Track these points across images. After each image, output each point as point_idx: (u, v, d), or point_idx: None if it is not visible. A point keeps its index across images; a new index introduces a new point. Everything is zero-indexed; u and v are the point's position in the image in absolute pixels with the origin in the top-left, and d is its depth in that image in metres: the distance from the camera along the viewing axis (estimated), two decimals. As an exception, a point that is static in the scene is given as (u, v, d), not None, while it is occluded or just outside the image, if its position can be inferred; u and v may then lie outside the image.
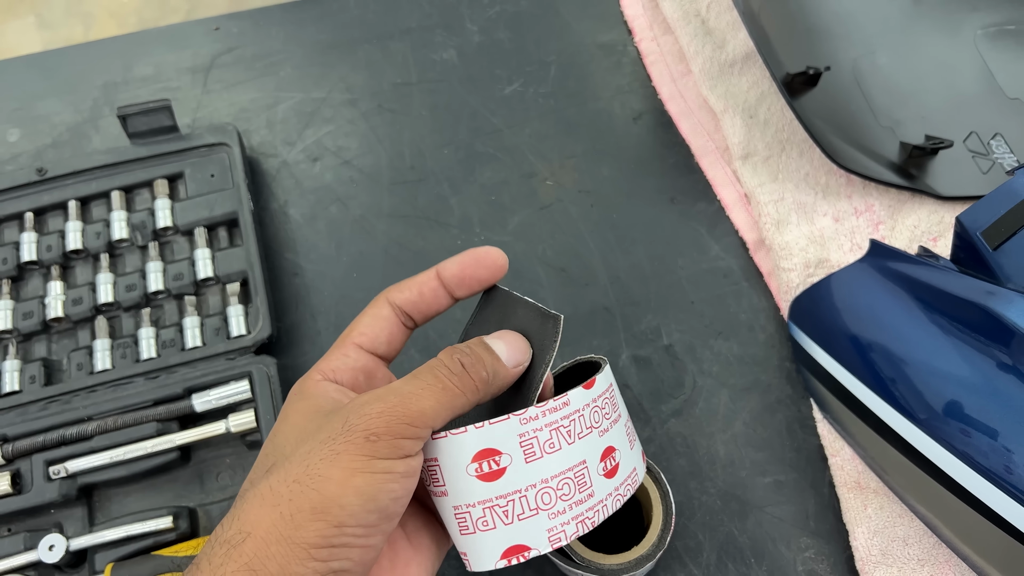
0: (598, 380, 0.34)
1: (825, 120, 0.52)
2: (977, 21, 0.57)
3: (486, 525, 0.32)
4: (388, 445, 0.30)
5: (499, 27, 0.61)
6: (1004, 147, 0.53)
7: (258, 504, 0.30)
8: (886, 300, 0.44)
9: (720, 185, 0.55)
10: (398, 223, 0.55)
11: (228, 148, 0.54)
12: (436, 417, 0.31)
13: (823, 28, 0.56)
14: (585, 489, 0.33)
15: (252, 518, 0.29)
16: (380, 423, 0.30)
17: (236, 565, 0.28)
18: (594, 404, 0.34)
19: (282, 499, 0.29)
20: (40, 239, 0.52)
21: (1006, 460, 0.36)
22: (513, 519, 0.32)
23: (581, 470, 0.33)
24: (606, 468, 0.34)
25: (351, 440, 0.30)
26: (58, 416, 0.46)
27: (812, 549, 0.44)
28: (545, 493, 0.32)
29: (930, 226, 0.51)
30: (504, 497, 0.32)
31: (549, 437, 0.32)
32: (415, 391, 0.31)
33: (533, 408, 0.32)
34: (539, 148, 0.57)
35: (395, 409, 0.30)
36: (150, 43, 0.62)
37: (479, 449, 0.31)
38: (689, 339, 0.50)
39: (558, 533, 0.33)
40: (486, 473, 0.32)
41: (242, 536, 0.29)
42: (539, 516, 0.32)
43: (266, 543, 0.29)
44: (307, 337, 0.51)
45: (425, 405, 0.31)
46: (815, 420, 0.47)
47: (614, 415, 0.36)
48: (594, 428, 0.34)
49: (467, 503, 0.32)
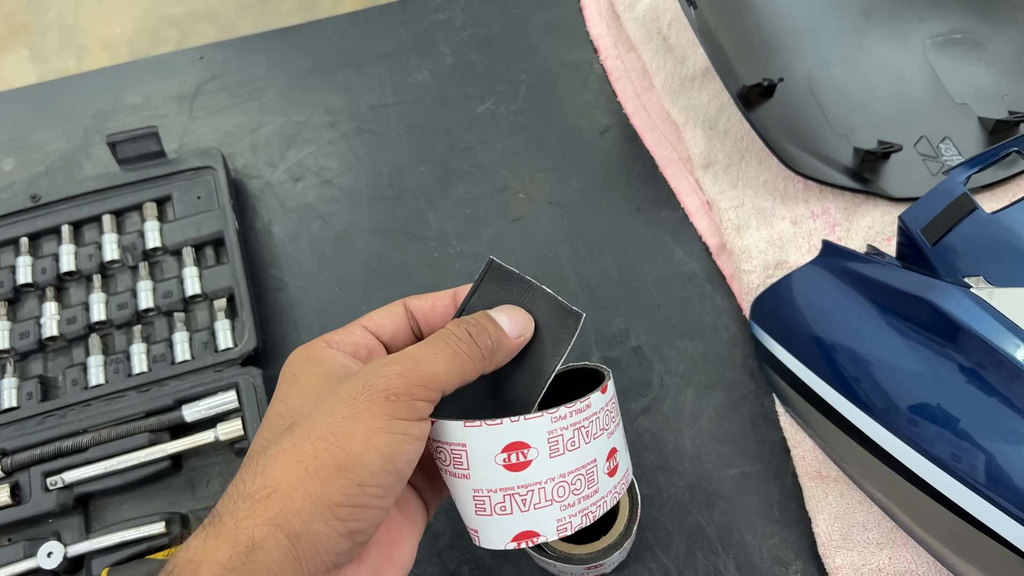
0: (609, 387, 0.37)
1: (781, 129, 0.55)
2: (925, 31, 0.60)
3: (504, 510, 0.35)
4: (406, 406, 0.31)
5: (471, 49, 0.64)
6: (952, 150, 0.55)
7: (282, 459, 0.30)
8: (838, 297, 0.46)
9: (683, 193, 0.57)
10: (378, 238, 0.57)
11: (213, 171, 0.57)
12: (448, 381, 0.33)
13: (778, 42, 0.59)
14: (592, 485, 0.36)
15: (277, 473, 0.30)
16: (399, 384, 0.31)
17: (260, 519, 0.29)
18: (606, 408, 0.37)
19: (307, 455, 0.30)
20: (35, 262, 0.54)
21: (953, 447, 0.38)
22: (530, 508, 0.34)
23: (591, 468, 0.36)
24: (610, 467, 0.37)
25: (372, 399, 0.31)
26: (54, 430, 0.49)
27: (777, 536, 0.46)
28: (561, 486, 0.35)
29: (884, 227, 0.53)
30: (525, 487, 0.34)
31: (572, 436, 0.35)
32: (429, 355, 0.32)
33: (563, 408, 0.34)
34: (511, 163, 0.59)
35: (412, 371, 0.32)
36: (138, 73, 0.64)
37: (511, 441, 0.34)
38: (656, 340, 0.53)
39: (566, 523, 0.35)
40: (513, 464, 0.34)
41: (267, 491, 0.29)
42: (552, 507, 0.35)
43: (291, 499, 0.29)
44: (291, 349, 0.53)
45: (438, 369, 0.32)
46: (777, 414, 0.49)
47: (617, 419, 0.38)
48: (605, 430, 0.37)
49: (489, 488, 0.34)
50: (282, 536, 0.29)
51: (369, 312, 0.38)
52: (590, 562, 0.42)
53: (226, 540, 0.29)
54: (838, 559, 0.45)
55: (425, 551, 0.47)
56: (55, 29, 1.85)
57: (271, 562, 0.28)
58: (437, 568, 0.47)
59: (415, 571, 0.47)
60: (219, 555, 0.28)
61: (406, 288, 0.55)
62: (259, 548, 0.28)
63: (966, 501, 0.38)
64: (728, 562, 0.46)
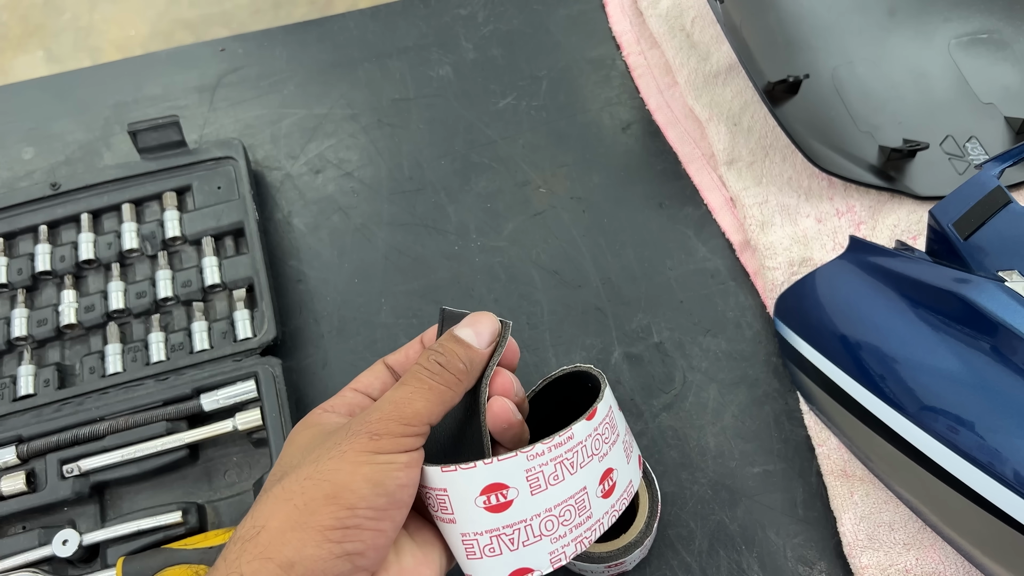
0: (599, 409, 0.36)
1: (806, 126, 0.54)
2: (950, 31, 0.59)
3: (492, 552, 0.34)
4: (390, 442, 0.32)
5: (492, 45, 0.64)
6: (979, 149, 0.55)
7: (271, 502, 0.32)
8: (866, 293, 0.46)
9: (706, 190, 0.57)
10: (397, 231, 0.57)
11: (234, 162, 0.57)
12: (430, 414, 0.34)
13: (802, 39, 0.58)
14: (584, 512, 0.35)
15: (266, 512, 0.31)
16: (380, 426, 0.33)
17: (251, 556, 0.30)
18: (595, 433, 0.36)
19: (295, 494, 0.31)
20: (54, 250, 0.54)
21: (988, 442, 0.38)
22: (518, 546, 0.34)
23: (582, 496, 0.35)
24: (604, 489, 0.36)
25: (356, 440, 0.32)
26: (71, 417, 0.48)
27: (801, 535, 0.46)
28: (548, 521, 0.34)
29: (909, 225, 0.53)
30: (510, 527, 0.34)
31: (554, 470, 0.34)
32: (406, 396, 0.34)
33: (539, 445, 0.33)
34: (532, 158, 0.59)
35: (391, 414, 0.33)
36: (159, 65, 0.64)
37: (488, 483, 0.33)
38: (679, 336, 0.52)
39: (559, 555, 0.34)
40: (494, 505, 0.33)
41: (256, 530, 0.31)
42: (542, 542, 0.34)
43: (281, 532, 0.30)
44: (310, 340, 0.53)
45: (418, 407, 0.33)
46: (802, 412, 0.49)
47: (613, 437, 0.37)
48: (595, 455, 0.35)
49: (475, 531, 0.34)
50: (274, 566, 0.29)
51: (357, 376, 0.40)
52: (610, 560, 0.41)
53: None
54: (864, 559, 0.44)
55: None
56: (70, 31, 1.87)
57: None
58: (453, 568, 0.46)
59: None
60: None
61: (425, 281, 0.55)
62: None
63: (999, 498, 0.37)
64: (752, 561, 0.45)
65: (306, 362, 0.53)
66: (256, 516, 0.31)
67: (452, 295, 0.54)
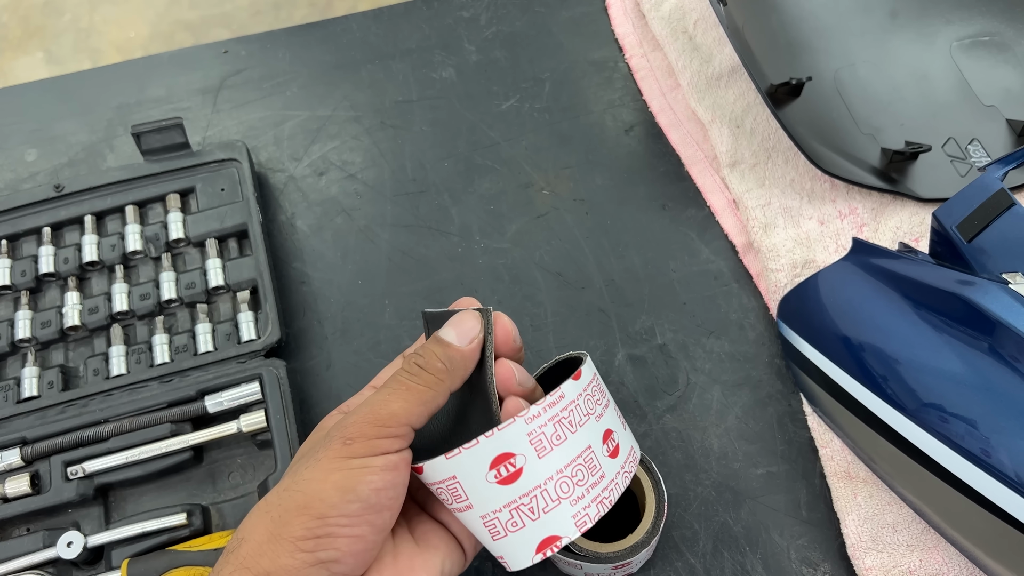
0: (584, 371, 0.37)
1: (808, 128, 0.54)
2: (952, 33, 0.60)
3: (515, 526, 0.34)
4: (363, 445, 0.33)
5: (495, 47, 0.64)
6: (981, 151, 0.55)
7: (255, 515, 0.33)
8: (869, 294, 0.46)
9: (709, 192, 0.57)
10: (401, 232, 0.57)
11: (237, 163, 0.57)
12: (409, 415, 0.34)
13: (804, 41, 0.58)
14: (596, 471, 0.35)
15: (248, 526, 0.33)
16: (354, 430, 0.33)
17: (232, 567, 0.31)
18: (585, 392, 0.36)
19: (272, 506, 0.33)
20: (57, 252, 0.54)
21: (992, 444, 0.38)
22: (539, 514, 0.34)
23: (589, 455, 0.35)
24: (609, 449, 0.36)
25: (329, 447, 0.33)
26: (75, 419, 0.48)
27: (805, 537, 0.46)
28: (563, 483, 0.34)
29: (912, 227, 0.53)
30: (527, 495, 0.34)
31: (554, 430, 0.34)
32: (383, 398, 0.34)
33: (535, 406, 0.34)
34: (535, 160, 0.59)
35: (366, 416, 0.34)
36: (162, 66, 0.64)
37: (494, 456, 0.33)
38: (682, 338, 0.52)
39: (583, 517, 0.34)
40: (505, 477, 0.33)
41: (238, 543, 0.32)
42: (562, 505, 0.34)
43: (259, 544, 0.32)
44: (314, 342, 0.53)
45: (394, 407, 0.34)
46: (805, 414, 0.49)
47: (604, 400, 0.38)
48: (590, 414, 0.36)
49: (493, 510, 0.34)
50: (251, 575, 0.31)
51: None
52: (617, 560, 0.41)
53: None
54: (867, 561, 0.44)
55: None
56: (70, 32, 1.86)
57: None
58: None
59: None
60: None
61: (429, 283, 0.55)
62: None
63: (1002, 498, 0.37)
64: (756, 562, 0.45)
65: (310, 364, 0.53)
66: (241, 529, 0.33)
67: (455, 296, 0.53)
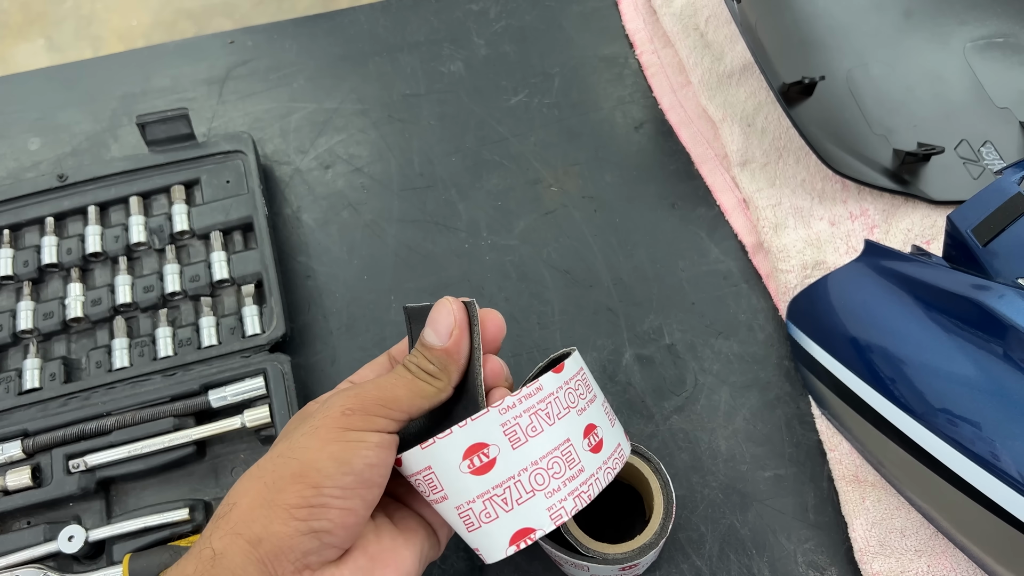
0: (567, 364, 0.36)
1: (820, 128, 0.54)
2: (966, 34, 0.59)
3: (489, 517, 0.34)
4: (361, 419, 0.33)
5: (504, 41, 0.63)
6: (994, 154, 0.55)
7: (247, 479, 0.33)
8: (881, 297, 0.45)
9: (719, 191, 0.56)
10: (408, 227, 0.56)
11: (243, 155, 0.56)
12: (410, 405, 0.35)
13: (817, 40, 0.58)
14: (575, 465, 0.35)
15: (240, 490, 0.33)
16: (356, 402, 0.33)
17: (223, 531, 0.31)
18: (567, 386, 0.36)
19: (266, 472, 0.32)
20: (60, 243, 0.54)
21: (1002, 448, 0.38)
22: (512, 505, 0.34)
23: (567, 448, 0.35)
24: (591, 444, 0.36)
25: (328, 415, 0.33)
26: (78, 412, 0.48)
27: (812, 541, 0.46)
28: (537, 474, 0.34)
29: (923, 229, 0.52)
30: (500, 486, 0.34)
31: (530, 421, 0.34)
32: (390, 383, 0.35)
33: (509, 397, 0.34)
34: (544, 156, 0.59)
35: (371, 393, 0.34)
36: (167, 56, 0.64)
37: (468, 445, 0.33)
38: (690, 338, 0.52)
39: (558, 510, 0.34)
40: (479, 467, 0.33)
41: (229, 507, 0.32)
42: (536, 497, 0.34)
43: (250, 509, 0.31)
44: (319, 337, 0.53)
45: (399, 393, 0.34)
46: (813, 416, 0.49)
47: (589, 395, 0.37)
48: (571, 408, 0.36)
49: (467, 500, 0.34)
50: (243, 542, 0.31)
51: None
52: (625, 562, 0.41)
53: (193, 556, 0.31)
54: (875, 565, 0.44)
55: (452, 546, 0.46)
56: (71, 19, 1.85)
57: (235, 567, 0.30)
58: (464, 564, 0.46)
59: (442, 566, 0.46)
60: (186, 570, 0.31)
61: (435, 279, 0.54)
62: (221, 556, 0.30)
63: (1013, 504, 0.37)
64: (762, 565, 0.45)
65: (315, 359, 0.52)
66: (231, 494, 0.33)
67: (462, 293, 0.53)
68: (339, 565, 0.33)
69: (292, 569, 0.31)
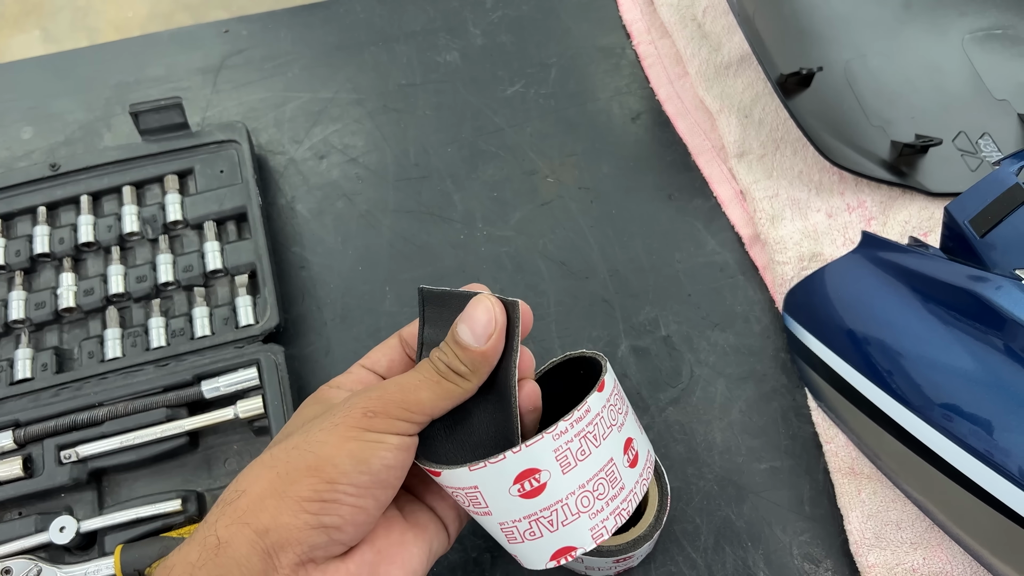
0: (606, 381, 0.35)
1: (818, 119, 0.53)
2: (965, 26, 0.59)
3: (533, 535, 0.34)
4: (383, 421, 0.32)
5: (501, 31, 0.63)
6: (992, 146, 0.54)
7: (258, 467, 0.32)
8: (878, 288, 0.45)
9: (716, 182, 0.56)
10: (403, 218, 0.56)
11: (237, 145, 0.56)
12: (434, 407, 0.34)
13: (816, 31, 0.57)
14: (617, 484, 0.35)
15: (250, 478, 0.32)
16: (379, 404, 0.32)
17: (229, 519, 0.30)
18: (608, 404, 0.35)
19: (279, 462, 0.32)
20: (53, 232, 0.53)
21: (999, 440, 0.37)
22: (558, 526, 0.33)
23: (611, 468, 0.35)
24: (629, 459, 0.36)
25: (349, 414, 0.32)
26: (69, 402, 0.47)
27: (807, 533, 0.45)
28: (584, 497, 0.34)
29: (921, 221, 0.52)
30: (547, 509, 0.33)
31: (580, 446, 0.33)
32: (414, 383, 0.34)
33: (562, 423, 0.33)
34: (540, 146, 0.58)
35: (394, 395, 0.33)
36: (161, 45, 0.63)
37: (520, 471, 0.33)
38: (686, 330, 0.51)
39: (600, 529, 0.34)
40: (528, 491, 0.33)
41: (237, 494, 0.31)
42: (581, 519, 0.34)
43: (260, 498, 0.31)
44: (313, 328, 0.52)
45: (423, 396, 0.33)
46: (809, 408, 0.48)
47: (624, 408, 0.37)
48: (613, 426, 0.35)
49: (513, 519, 0.34)
50: (250, 531, 0.30)
51: (370, 350, 0.40)
52: (620, 554, 0.40)
53: (197, 542, 0.30)
54: (871, 558, 0.43)
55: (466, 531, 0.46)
56: (67, 10, 1.84)
57: (239, 556, 0.29)
58: (458, 556, 0.46)
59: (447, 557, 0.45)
60: (190, 556, 0.30)
61: (431, 269, 0.54)
62: (226, 544, 0.30)
63: (1009, 496, 0.37)
64: (757, 558, 0.45)
65: (309, 350, 0.52)
66: (240, 481, 0.32)
67: (457, 284, 0.52)
68: (344, 559, 0.32)
69: (296, 561, 0.30)
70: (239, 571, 0.29)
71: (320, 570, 0.31)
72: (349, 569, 0.32)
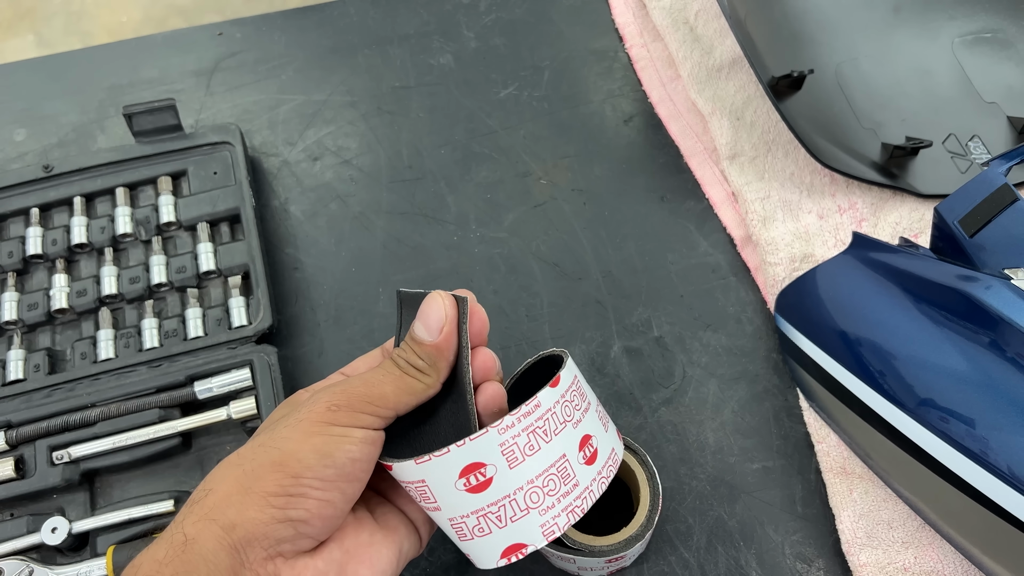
0: (562, 376, 0.36)
1: (809, 121, 0.54)
2: (954, 29, 0.59)
3: (482, 531, 0.34)
4: (347, 415, 0.33)
5: (494, 33, 0.63)
6: (981, 148, 0.55)
7: (224, 466, 0.33)
8: (869, 289, 0.45)
9: (708, 184, 0.56)
10: (396, 220, 0.56)
11: (231, 147, 0.56)
12: (397, 402, 0.34)
13: (807, 34, 0.58)
14: (570, 480, 0.34)
15: (217, 477, 0.32)
16: (343, 398, 0.33)
17: (196, 517, 0.31)
18: (563, 399, 0.35)
19: (245, 460, 0.32)
20: (46, 234, 0.53)
21: (988, 439, 0.38)
22: (506, 522, 0.33)
23: (563, 464, 0.34)
24: (586, 456, 0.35)
25: (313, 409, 0.33)
26: (62, 403, 0.47)
27: (799, 532, 0.45)
28: (532, 493, 0.33)
29: (911, 223, 0.52)
30: (495, 504, 0.33)
31: (528, 440, 0.33)
32: (378, 379, 0.34)
33: (508, 417, 0.33)
34: (533, 149, 0.58)
35: (358, 390, 0.34)
36: (155, 48, 0.63)
37: (464, 465, 0.33)
38: (679, 331, 0.52)
39: (551, 526, 0.34)
40: (474, 486, 0.33)
41: (204, 493, 0.32)
42: (530, 515, 0.34)
43: (227, 495, 0.31)
44: (306, 329, 0.53)
45: (387, 390, 0.34)
46: (801, 409, 0.49)
47: (584, 404, 0.37)
48: (567, 422, 0.35)
49: (461, 515, 0.34)
50: (216, 527, 0.30)
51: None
52: (611, 554, 0.41)
53: (164, 540, 0.31)
54: (862, 557, 0.44)
55: (439, 538, 0.46)
56: (61, 15, 1.84)
57: (206, 552, 0.30)
58: (451, 556, 0.46)
59: (428, 559, 0.45)
60: (157, 554, 0.30)
61: (424, 271, 0.54)
62: (193, 541, 0.30)
63: (1000, 495, 0.37)
64: (750, 557, 0.45)
65: (302, 351, 0.52)
66: (208, 480, 0.32)
67: (451, 286, 0.53)
68: (312, 556, 0.32)
69: (264, 556, 0.31)
70: (206, 567, 0.29)
71: (289, 565, 0.31)
72: (317, 566, 0.32)
